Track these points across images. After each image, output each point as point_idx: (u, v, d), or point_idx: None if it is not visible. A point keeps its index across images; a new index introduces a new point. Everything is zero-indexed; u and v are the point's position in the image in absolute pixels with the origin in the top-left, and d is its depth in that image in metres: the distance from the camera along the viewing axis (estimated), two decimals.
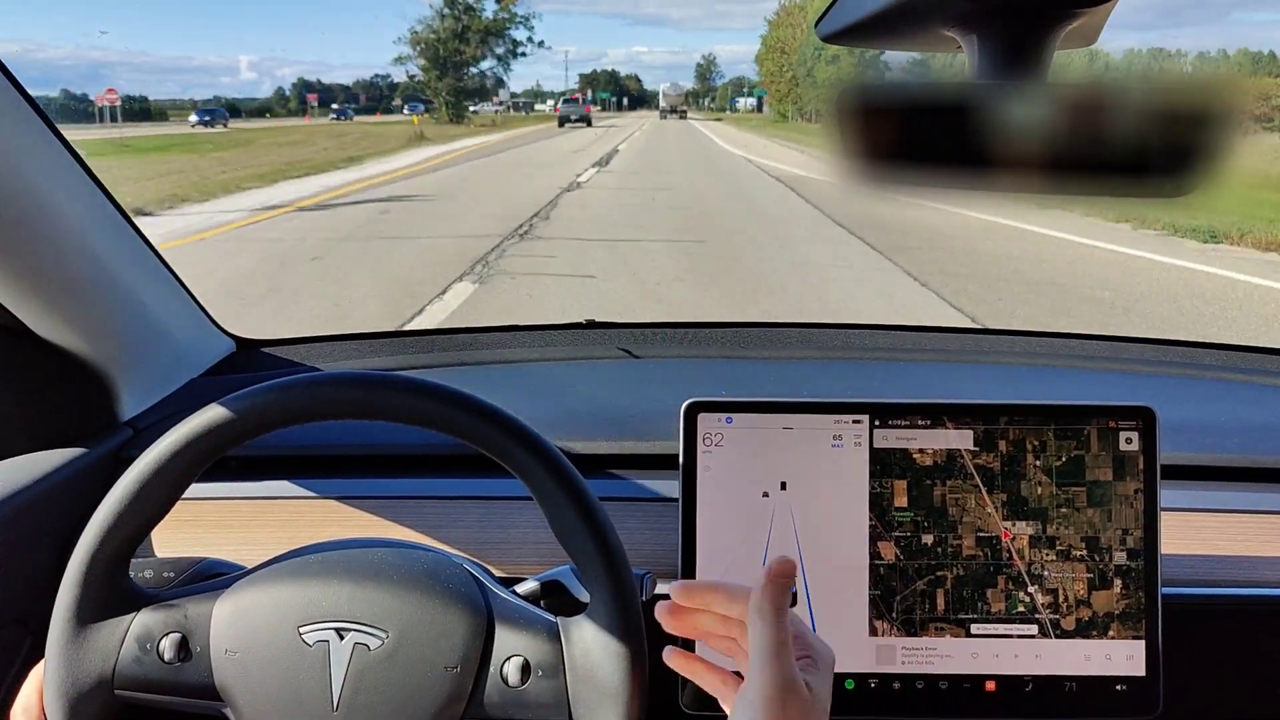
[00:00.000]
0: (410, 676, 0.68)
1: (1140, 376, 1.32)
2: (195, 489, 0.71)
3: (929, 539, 0.85)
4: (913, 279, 7.02)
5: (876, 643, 0.85)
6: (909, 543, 0.85)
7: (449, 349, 1.41)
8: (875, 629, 0.85)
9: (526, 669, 0.68)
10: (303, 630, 0.68)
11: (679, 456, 0.87)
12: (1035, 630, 0.85)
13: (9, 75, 0.83)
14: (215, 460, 0.70)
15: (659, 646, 0.75)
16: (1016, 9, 0.46)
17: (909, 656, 0.85)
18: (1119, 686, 0.85)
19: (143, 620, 0.69)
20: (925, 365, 1.37)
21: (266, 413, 0.68)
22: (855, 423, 0.86)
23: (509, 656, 0.69)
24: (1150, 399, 0.87)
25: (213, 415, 0.68)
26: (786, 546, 0.86)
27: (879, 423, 0.86)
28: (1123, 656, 0.85)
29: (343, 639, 0.68)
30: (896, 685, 0.85)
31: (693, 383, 1.31)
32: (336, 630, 0.68)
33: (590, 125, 46.24)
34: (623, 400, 1.20)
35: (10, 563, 0.89)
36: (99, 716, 0.68)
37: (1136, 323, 5.73)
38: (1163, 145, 0.42)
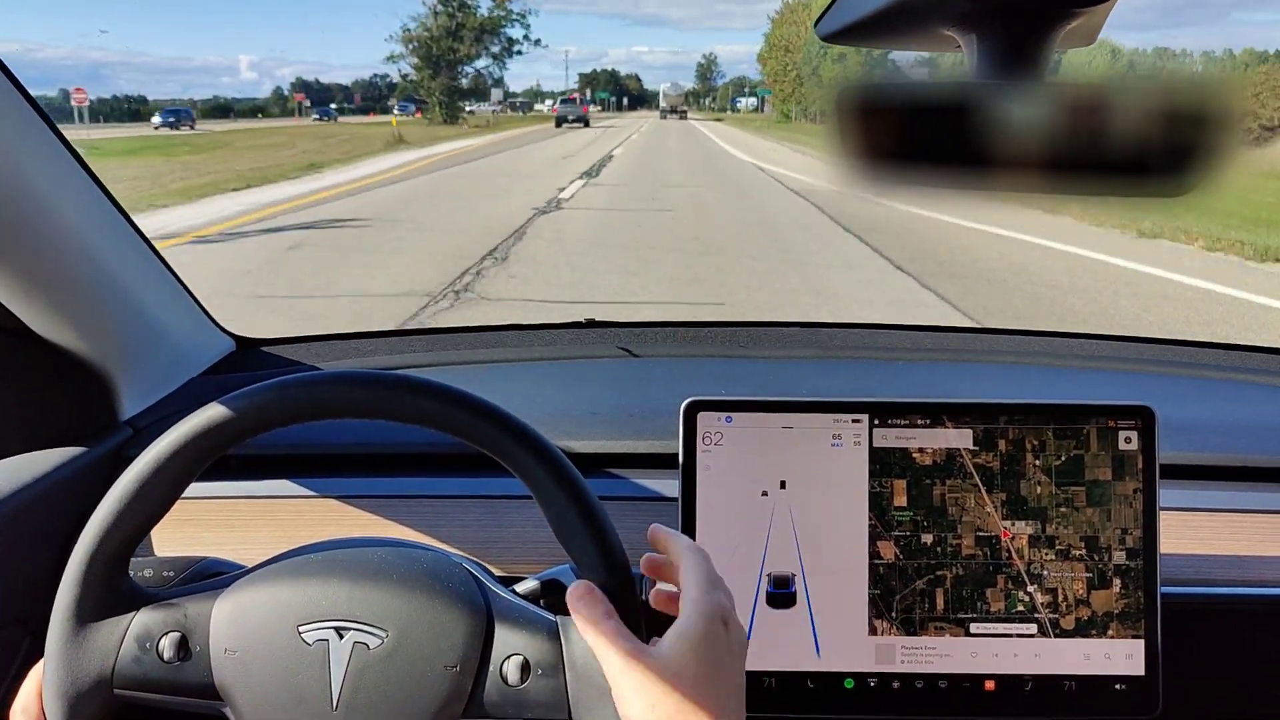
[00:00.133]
0: (410, 675, 0.68)
1: (1139, 376, 1.32)
2: (195, 488, 0.71)
3: (928, 538, 0.85)
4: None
5: (876, 642, 0.85)
6: (908, 542, 0.85)
7: (449, 348, 1.41)
8: (875, 628, 0.85)
9: (526, 668, 0.68)
10: (302, 629, 0.68)
11: (679, 455, 0.87)
12: (1034, 629, 0.85)
13: (9, 75, 0.83)
14: (215, 459, 0.70)
15: None
16: (1016, 9, 0.46)
17: (908, 656, 0.85)
18: (1118, 686, 0.85)
19: (142, 619, 0.69)
20: (925, 365, 1.37)
21: (266, 412, 0.68)
22: (855, 422, 0.86)
23: (509, 655, 0.69)
24: (1149, 398, 0.87)
25: (212, 414, 0.67)
26: (786, 545, 0.86)
27: (878, 422, 0.86)
28: (1122, 656, 0.85)
29: (342, 638, 0.68)
30: (896, 684, 0.85)
31: (692, 382, 1.31)
32: (336, 629, 0.68)
33: (588, 126, 45.55)
34: (622, 399, 1.20)
35: (10, 562, 0.89)
36: (98, 716, 0.68)
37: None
38: (1163, 145, 0.42)
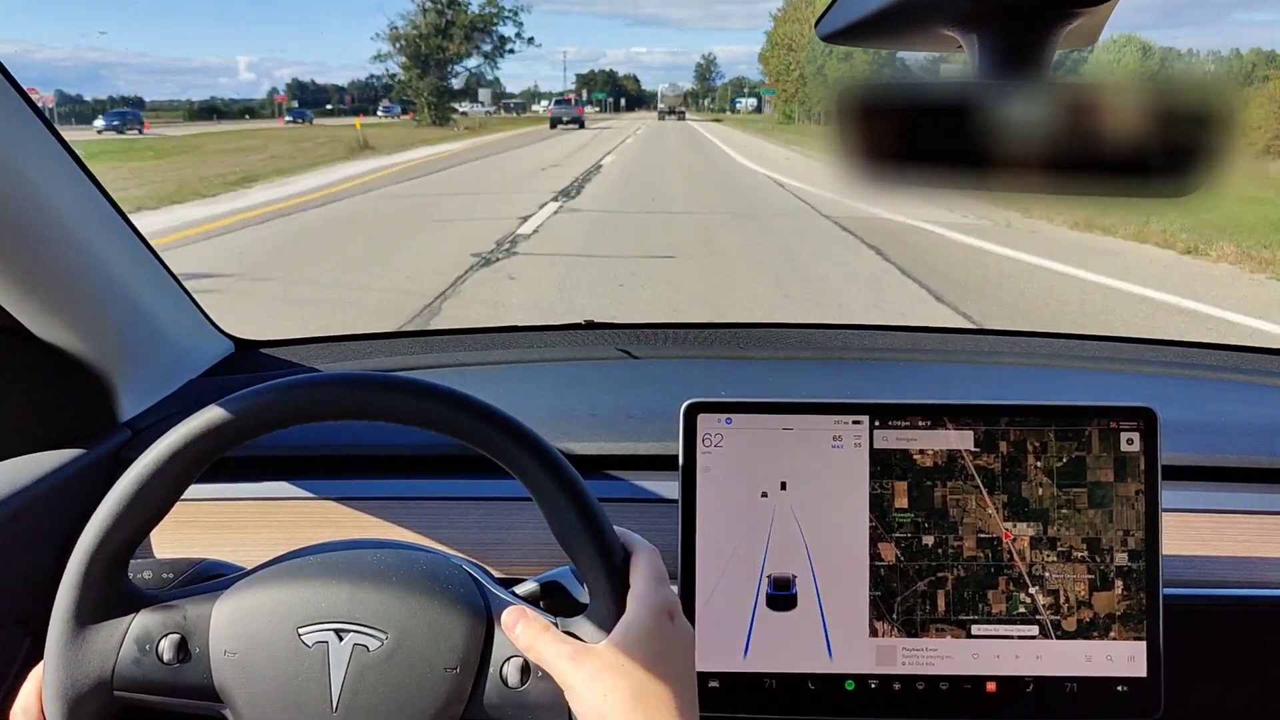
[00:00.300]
0: (409, 677, 0.68)
1: (1141, 377, 1.32)
2: (194, 490, 0.71)
3: (929, 540, 0.85)
4: None
5: (877, 644, 0.85)
6: (909, 544, 0.85)
7: (448, 349, 1.41)
8: (876, 630, 0.85)
9: (526, 670, 0.68)
10: (302, 631, 0.68)
11: (679, 457, 0.86)
12: (1036, 631, 0.85)
13: (8, 76, 0.83)
14: (214, 461, 0.70)
15: None
16: (1017, 9, 0.46)
17: (909, 657, 0.85)
18: (1120, 687, 0.84)
19: (142, 621, 0.69)
20: (925, 366, 1.37)
21: (265, 413, 0.68)
22: (855, 423, 0.86)
23: (509, 657, 0.69)
24: (1151, 399, 0.87)
25: (212, 416, 0.67)
26: (786, 547, 0.86)
27: (879, 423, 0.86)
28: (1124, 657, 0.85)
29: (342, 640, 0.68)
30: (897, 686, 0.85)
31: (692, 383, 1.31)
32: (336, 631, 0.68)
33: (583, 127, 44.92)
34: (622, 401, 1.20)
35: (9, 563, 0.89)
36: (98, 717, 0.68)
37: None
38: (1163, 145, 0.42)
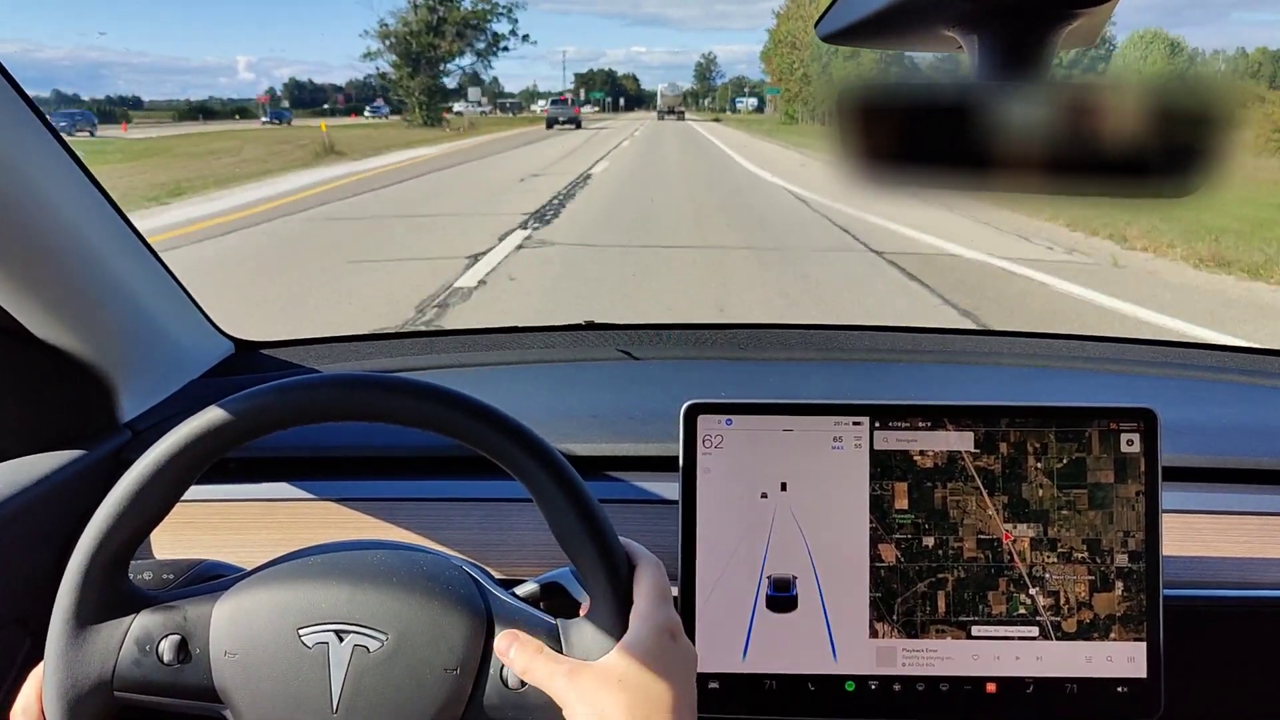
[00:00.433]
0: (410, 678, 0.68)
1: (1141, 378, 1.32)
2: (194, 491, 0.71)
3: (930, 541, 0.85)
4: None
5: (877, 644, 0.85)
6: (910, 545, 0.85)
7: (449, 350, 1.41)
8: (876, 631, 0.85)
9: None
10: (302, 632, 0.68)
11: (679, 458, 0.86)
12: (1036, 632, 0.85)
13: (8, 76, 0.83)
14: (214, 462, 0.70)
15: None
16: (1016, 9, 0.46)
17: (910, 658, 0.85)
18: (1120, 688, 0.84)
19: (142, 622, 0.69)
20: (925, 367, 1.37)
21: (265, 414, 0.68)
22: (855, 424, 0.86)
23: None
24: (1151, 401, 0.87)
25: (212, 417, 0.67)
26: (787, 548, 0.86)
27: (879, 424, 0.86)
28: (1124, 658, 0.85)
29: (342, 641, 0.68)
30: (897, 687, 0.85)
31: (692, 384, 1.31)
32: (336, 632, 0.68)
33: (580, 127, 44.42)
34: (622, 402, 1.20)
35: (10, 564, 0.89)
36: (98, 718, 0.68)
37: None
38: (1163, 146, 0.42)
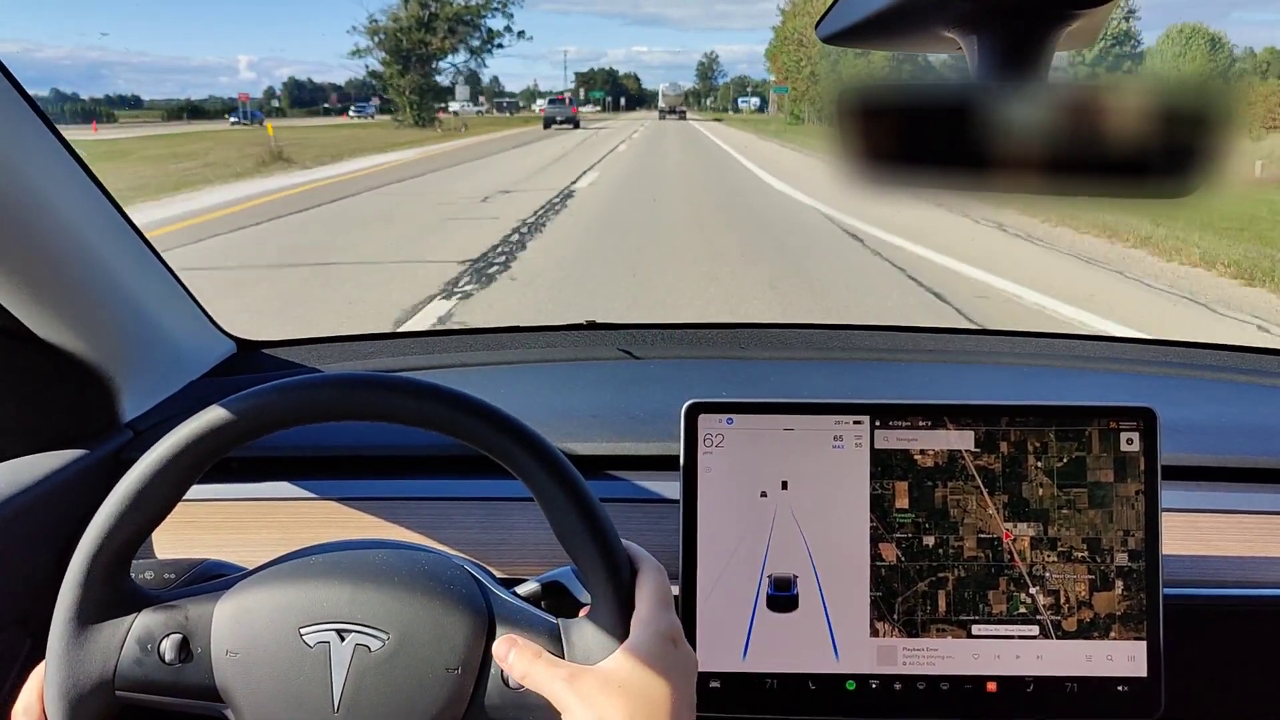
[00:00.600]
0: (411, 678, 0.68)
1: (1141, 377, 1.32)
2: (196, 490, 0.71)
3: (930, 540, 0.85)
4: None
5: (878, 644, 0.85)
6: (910, 544, 0.85)
7: (450, 350, 1.41)
8: (876, 630, 0.85)
9: None
10: (304, 631, 0.68)
11: (680, 457, 0.87)
12: (1036, 631, 0.85)
13: (9, 76, 0.83)
14: (216, 462, 0.70)
15: None
16: (1016, 9, 0.46)
17: (910, 657, 0.85)
18: (1120, 687, 0.85)
19: (144, 621, 0.69)
20: (925, 366, 1.37)
21: (267, 414, 0.68)
22: (856, 423, 0.86)
23: None
24: (1151, 399, 0.87)
25: (213, 417, 0.67)
26: (787, 547, 0.86)
27: (880, 423, 0.86)
28: (1124, 657, 0.85)
29: (343, 640, 0.68)
30: (898, 686, 0.85)
31: (693, 384, 1.31)
32: (337, 631, 0.68)
33: (578, 127, 43.64)
34: (623, 401, 1.20)
35: (10, 564, 0.89)
36: (100, 717, 0.68)
37: None
38: (1163, 146, 0.42)
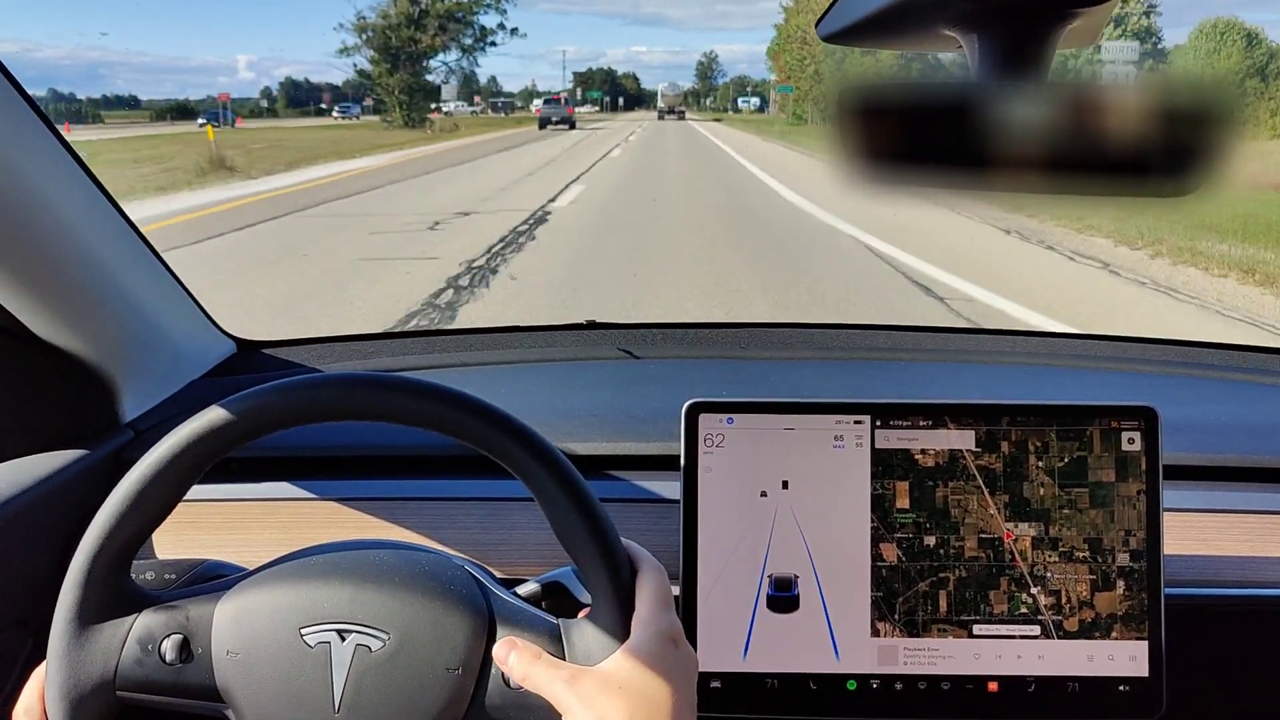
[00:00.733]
0: (411, 678, 0.68)
1: (1142, 376, 1.32)
2: (196, 490, 0.71)
3: (931, 540, 0.85)
4: None
5: (879, 644, 0.85)
6: (911, 544, 0.85)
7: (450, 350, 1.41)
8: (877, 630, 0.85)
9: None
10: (304, 632, 0.68)
11: (680, 457, 0.87)
12: (1038, 631, 0.85)
13: (8, 75, 0.83)
14: (216, 462, 0.70)
15: None
16: (1016, 9, 0.46)
17: (911, 657, 0.85)
18: (1122, 687, 0.84)
19: (144, 622, 0.69)
20: (926, 365, 1.37)
21: (267, 414, 0.68)
22: (856, 423, 0.86)
23: None
24: (1152, 399, 0.87)
25: (214, 417, 0.67)
26: (788, 547, 0.86)
27: (880, 423, 0.86)
28: (1126, 657, 0.85)
29: (344, 640, 0.68)
30: (899, 686, 0.85)
31: (693, 383, 1.31)
32: (338, 631, 0.68)
33: (574, 128, 42.49)
34: (623, 401, 1.20)
35: (11, 564, 0.89)
36: (100, 718, 0.68)
37: None
38: (1163, 145, 0.42)
